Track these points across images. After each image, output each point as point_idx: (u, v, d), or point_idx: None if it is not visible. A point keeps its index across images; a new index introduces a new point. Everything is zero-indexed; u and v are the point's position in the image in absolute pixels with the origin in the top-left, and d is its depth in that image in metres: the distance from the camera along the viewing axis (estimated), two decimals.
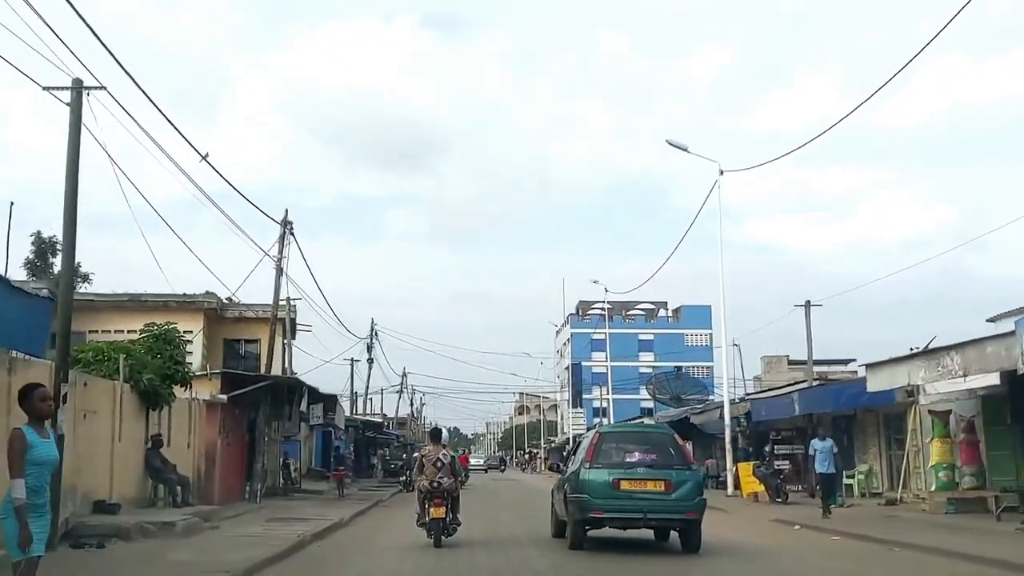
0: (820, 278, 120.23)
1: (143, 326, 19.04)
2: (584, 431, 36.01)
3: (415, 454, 18.92)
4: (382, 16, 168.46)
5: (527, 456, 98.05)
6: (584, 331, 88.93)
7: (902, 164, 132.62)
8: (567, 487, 13.66)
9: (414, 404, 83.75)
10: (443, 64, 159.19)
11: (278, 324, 29.27)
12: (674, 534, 13.75)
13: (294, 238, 27.88)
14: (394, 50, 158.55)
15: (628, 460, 13.22)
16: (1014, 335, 15.38)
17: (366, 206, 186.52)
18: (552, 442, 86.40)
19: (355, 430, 47.96)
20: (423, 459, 14.06)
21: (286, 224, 27.75)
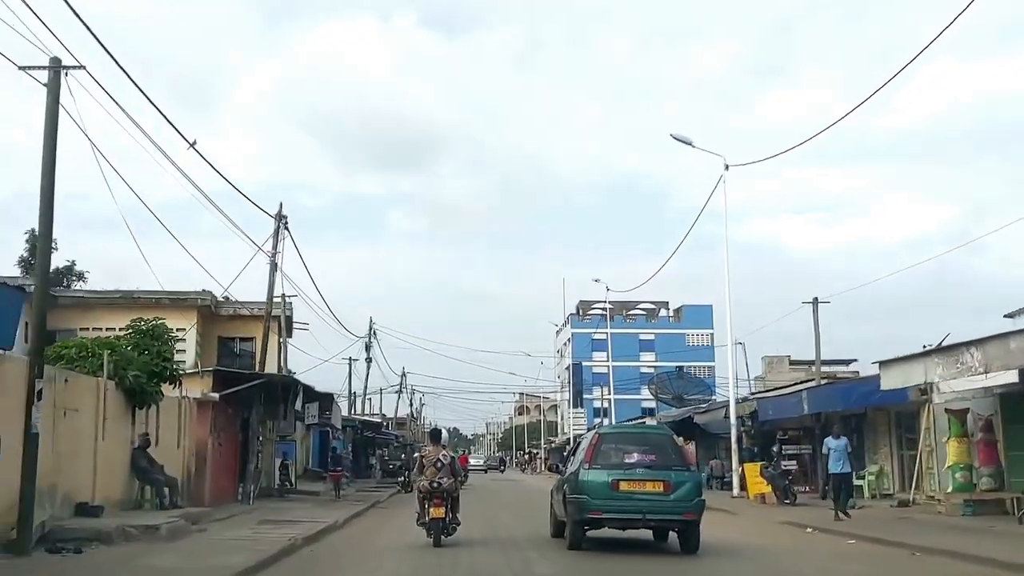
0: (820, 278, 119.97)
1: (129, 321, 18.36)
2: (584, 431, 35.46)
3: (415, 454, 18.68)
4: (380, 15, 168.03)
5: (527, 456, 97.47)
6: (585, 331, 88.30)
7: (902, 164, 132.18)
8: (566, 487, 13.65)
9: (413, 404, 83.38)
10: (442, 62, 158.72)
11: (273, 321, 28.68)
12: (673, 535, 13.71)
13: (289, 233, 27.27)
14: (392, 49, 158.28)
15: (627, 461, 13.25)
16: None
17: (365, 205, 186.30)
18: (552, 442, 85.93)
19: (353, 430, 47.50)
20: (423, 459, 14.09)
21: (280, 218, 27.11)
